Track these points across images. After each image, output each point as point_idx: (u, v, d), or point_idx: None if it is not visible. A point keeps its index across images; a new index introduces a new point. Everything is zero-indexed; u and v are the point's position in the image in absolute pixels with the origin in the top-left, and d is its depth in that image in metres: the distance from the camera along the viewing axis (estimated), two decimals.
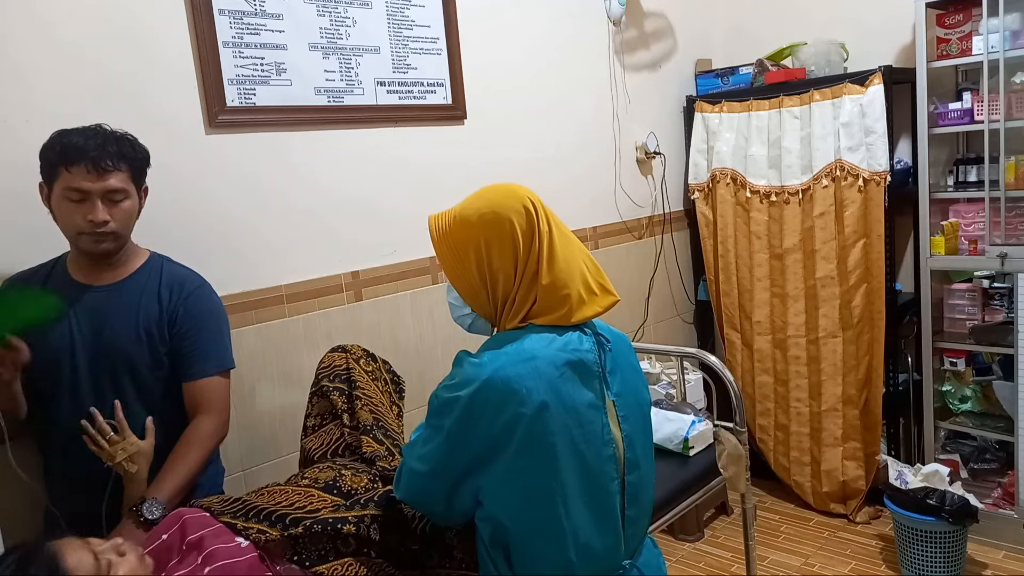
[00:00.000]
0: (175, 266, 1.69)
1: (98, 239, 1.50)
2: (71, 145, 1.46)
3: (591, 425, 1.19)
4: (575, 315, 1.21)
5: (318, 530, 1.27)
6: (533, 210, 1.21)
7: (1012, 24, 2.55)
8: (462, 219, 1.22)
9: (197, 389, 1.62)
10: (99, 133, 1.49)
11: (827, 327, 2.98)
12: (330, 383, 1.69)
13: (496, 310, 1.25)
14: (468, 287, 1.24)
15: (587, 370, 1.20)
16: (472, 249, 1.21)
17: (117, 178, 1.49)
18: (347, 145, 2.23)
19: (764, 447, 3.26)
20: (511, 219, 1.19)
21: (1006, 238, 2.63)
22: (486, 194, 1.25)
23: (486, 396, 1.13)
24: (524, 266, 1.19)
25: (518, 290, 1.20)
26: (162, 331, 1.60)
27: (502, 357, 1.15)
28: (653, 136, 3.21)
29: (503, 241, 1.19)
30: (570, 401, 1.17)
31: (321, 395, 1.70)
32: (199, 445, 1.58)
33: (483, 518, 1.21)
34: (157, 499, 1.45)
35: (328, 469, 1.50)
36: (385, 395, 1.76)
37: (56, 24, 1.70)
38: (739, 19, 3.50)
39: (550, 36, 2.82)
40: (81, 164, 1.45)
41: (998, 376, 2.86)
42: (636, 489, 1.26)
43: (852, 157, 2.83)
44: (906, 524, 2.58)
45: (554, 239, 1.21)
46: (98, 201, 1.47)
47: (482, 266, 1.21)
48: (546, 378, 1.15)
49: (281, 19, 2.06)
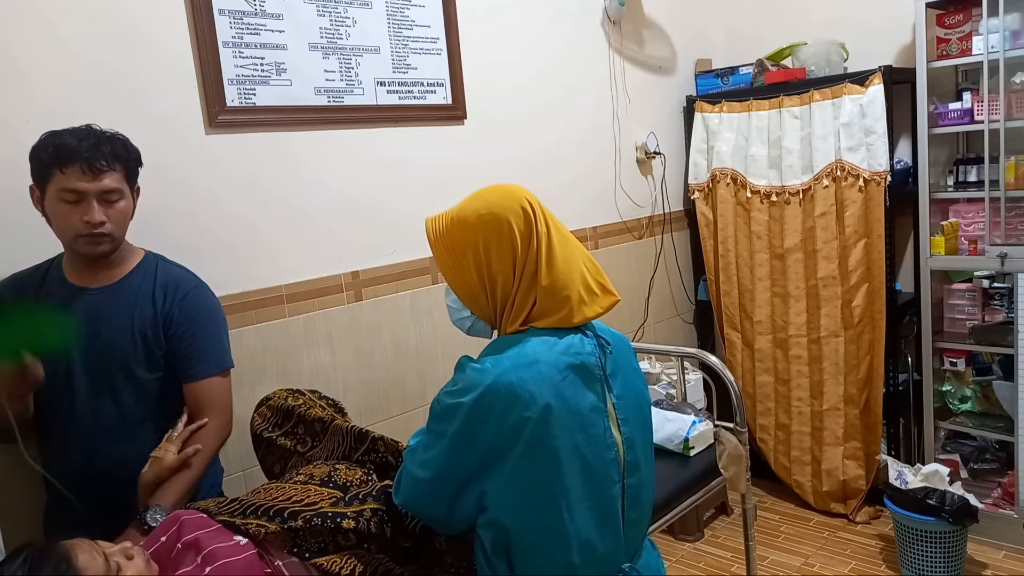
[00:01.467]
0: (170, 266, 1.68)
1: (95, 241, 1.49)
2: (64, 146, 1.45)
3: (593, 428, 1.19)
4: (576, 316, 1.20)
5: (318, 523, 1.28)
6: (531, 210, 1.20)
7: (1012, 24, 2.55)
8: (460, 220, 1.21)
9: (198, 391, 1.62)
10: (91, 133, 1.48)
11: (829, 327, 2.98)
12: (270, 434, 1.67)
13: (496, 312, 1.24)
14: (467, 290, 1.23)
15: (589, 373, 1.20)
16: (470, 251, 1.20)
17: (112, 178, 1.48)
18: (347, 145, 2.23)
19: (764, 447, 3.26)
20: (509, 220, 1.18)
21: (1006, 238, 2.63)
22: (484, 195, 1.24)
23: (490, 401, 1.13)
24: (523, 267, 1.18)
25: (517, 291, 1.20)
26: (157, 333, 1.59)
27: (505, 362, 1.15)
28: (653, 136, 3.21)
29: (501, 242, 1.18)
30: (573, 404, 1.16)
31: (269, 447, 1.67)
32: (202, 448, 1.57)
33: (485, 524, 1.21)
34: (160, 506, 1.45)
35: (322, 466, 1.50)
36: (326, 410, 1.72)
37: (56, 24, 1.70)
38: (739, 19, 3.50)
39: (550, 36, 2.82)
40: (76, 165, 1.44)
41: (998, 376, 2.86)
42: (637, 492, 1.26)
43: (852, 157, 2.83)
44: (906, 524, 2.58)
45: (553, 240, 1.20)
46: (94, 202, 1.46)
47: (481, 268, 1.20)
48: (549, 382, 1.15)
49: (281, 19, 2.06)
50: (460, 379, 1.17)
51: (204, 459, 1.56)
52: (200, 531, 1.25)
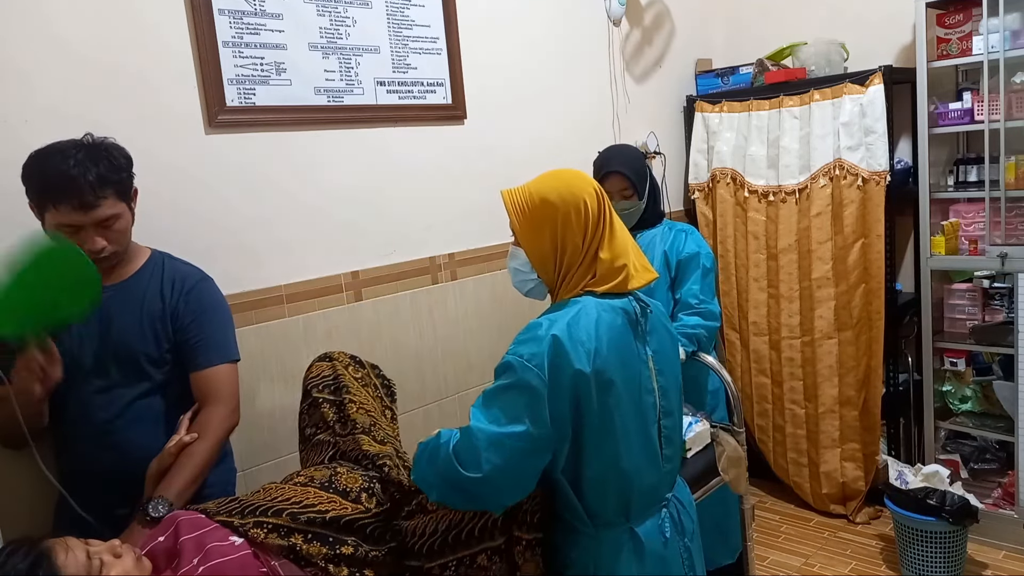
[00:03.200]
0: (176, 262, 1.69)
1: (98, 262, 1.48)
2: (51, 183, 1.42)
3: (640, 375, 1.38)
4: (630, 283, 1.39)
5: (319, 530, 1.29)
6: (599, 196, 1.40)
7: (1012, 24, 2.55)
8: (542, 197, 1.39)
9: (204, 379, 1.63)
10: (77, 161, 1.43)
11: (822, 328, 2.97)
12: (319, 393, 1.69)
13: (558, 277, 1.41)
14: (539, 255, 1.40)
15: (637, 327, 1.40)
16: (549, 223, 1.37)
17: (106, 206, 1.47)
18: (347, 145, 2.23)
19: (764, 447, 3.26)
20: (585, 200, 1.37)
21: (1006, 238, 2.63)
22: (562, 176, 1.42)
23: (557, 352, 1.27)
24: (590, 242, 1.37)
25: (582, 262, 1.38)
26: (166, 326, 1.61)
27: (566, 318, 1.31)
28: (653, 136, 3.21)
29: (578, 219, 1.37)
30: (626, 353, 1.36)
31: (313, 406, 1.69)
32: (207, 436, 1.57)
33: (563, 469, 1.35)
34: (164, 497, 1.45)
35: (323, 468, 1.50)
36: (376, 400, 1.76)
37: (56, 24, 1.70)
38: (739, 19, 3.50)
39: (550, 36, 2.82)
40: (66, 203, 1.43)
41: (998, 376, 2.86)
42: (671, 432, 1.46)
43: (852, 157, 2.83)
44: (906, 524, 2.58)
45: (614, 222, 1.41)
46: (91, 231, 1.47)
47: (555, 238, 1.37)
48: (607, 331, 1.32)
49: (281, 19, 2.06)
50: (530, 331, 1.31)
51: (208, 447, 1.56)
52: (196, 531, 1.26)
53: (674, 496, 1.49)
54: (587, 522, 1.38)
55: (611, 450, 1.34)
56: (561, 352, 1.27)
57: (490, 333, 2.63)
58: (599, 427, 1.32)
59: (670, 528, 1.44)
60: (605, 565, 1.38)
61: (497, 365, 1.33)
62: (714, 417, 2.13)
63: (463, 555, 1.36)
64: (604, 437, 1.33)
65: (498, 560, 1.35)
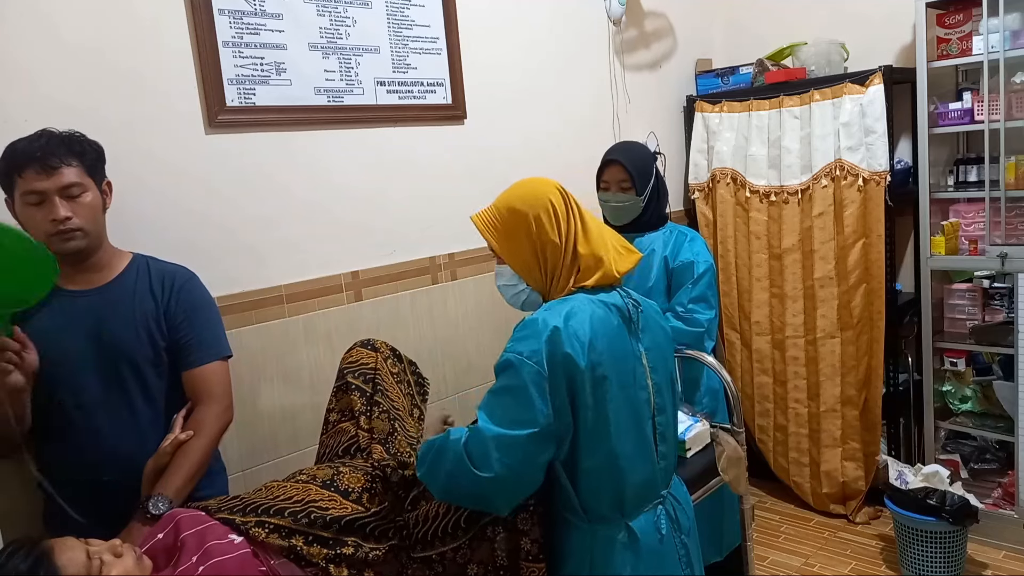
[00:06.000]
0: (161, 263, 1.70)
1: (65, 237, 1.50)
2: (18, 151, 1.47)
3: (634, 371, 1.40)
4: (615, 267, 1.42)
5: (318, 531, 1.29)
6: (563, 193, 1.44)
7: (1012, 24, 2.55)
8: (509, 207, 1.42)
9: (197, 377, 1.63)
10: (43, 135, 1.50)
11: (825, 327, 2.97)
12: (353, 379, 1.70)
13: (547, 281, 1.43)
14: (523, 263, 1.42)
15: (629, 324, 1.42)
16: (523, 229, 1.40)
17: (69, 173, 1.49)
18: (347, 145, 2.23)
19: (764, 447, 3.26)
20: (550, 199, 1.41)
21: (1006, 238, 2.63)
22: (522, 185, 1.46)
23: (554, 346, 1.29)
24: (567, 237, 1.40)
25: (564, 259, 1.40)
26: (160, 325, 1.61)
27: (560, 314, 1.33)
28: (653, 136, 3.21)
29: (549, 218, 1.39)
30: (620, 349, 1.37)
31: (344, 390, 1.70)
32: (203, 433, 1.57)
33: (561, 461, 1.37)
34: (163, 495, 1.45)
35: (327, 467, 1.51)
36: (407, 398, 1.77)
37: (56, 23, 1.70)
38: (739, 19, 3.50)
39: (550, 36, 2.82)
40: (30, 167, 1.46)
41: (998, 376, 2.86)
42: (665, 429, 1.47)
43: (852, 157, 2.83)
44: (906, 524, 2.58)
45: (584, 214, 1.44)
46: (56, 199, 1.48)
47: (533, 241, 1.40)
48: (601, 327, 1.34)
49: (281, 19, 2.06)
50: (526, 328, 1.33)
51: (204, 444, 1.57)
52: (196, 529, 1.26)
53: (670, 493, 1.51)
54: (582, 516, 1.39)
55: (605, 445, 1.35)
56: (559, 343, 1.29)
57: (490, 333, 2.63)
58: (593, 421, 1.33)
59: (666, 525, 1.46)
60: (600, 560, 1.39)
61: (496, 363, 1.34)
62: (715, 419, 2.13)
63: (473, 534, 1.37)
64: (598, 432, 1.34)
65: (500, 530, 1.37)
